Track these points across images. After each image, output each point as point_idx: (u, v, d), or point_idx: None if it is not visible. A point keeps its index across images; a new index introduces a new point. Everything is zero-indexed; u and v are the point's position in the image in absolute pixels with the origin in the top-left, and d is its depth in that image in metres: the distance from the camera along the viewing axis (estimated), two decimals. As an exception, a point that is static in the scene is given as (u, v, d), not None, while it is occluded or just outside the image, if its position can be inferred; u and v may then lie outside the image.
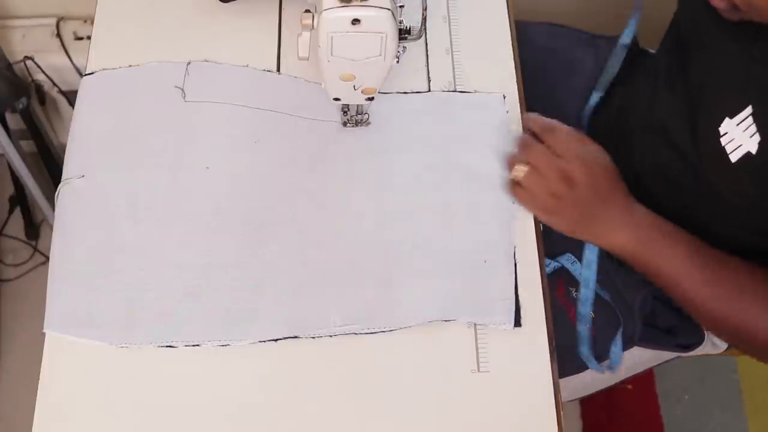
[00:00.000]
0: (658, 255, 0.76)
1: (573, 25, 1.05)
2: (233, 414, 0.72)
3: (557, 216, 0.78)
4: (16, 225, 1.62)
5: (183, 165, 0.81)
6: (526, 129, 0.83)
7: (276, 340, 0.74)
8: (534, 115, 0.83)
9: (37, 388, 0.72)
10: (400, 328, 0.75)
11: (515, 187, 0.80)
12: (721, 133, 0.72)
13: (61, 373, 0.72)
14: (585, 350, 0.90)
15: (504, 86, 0.87)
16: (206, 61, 0.86)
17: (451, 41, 0.90)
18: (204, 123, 0.83)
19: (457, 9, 0.92)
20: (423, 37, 0.89)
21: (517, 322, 0.76)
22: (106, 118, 0.83)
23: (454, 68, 0.88)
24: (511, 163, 0.81)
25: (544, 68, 1.00)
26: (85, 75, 0.86)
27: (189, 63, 0.86)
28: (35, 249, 1.61)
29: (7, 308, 1.57)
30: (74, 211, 0.78)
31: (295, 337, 0.74)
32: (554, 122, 0.81)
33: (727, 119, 0.71)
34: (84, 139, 0.82)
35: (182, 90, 0.84)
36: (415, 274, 0.77)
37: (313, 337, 0.74)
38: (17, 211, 1.60)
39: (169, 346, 0.73)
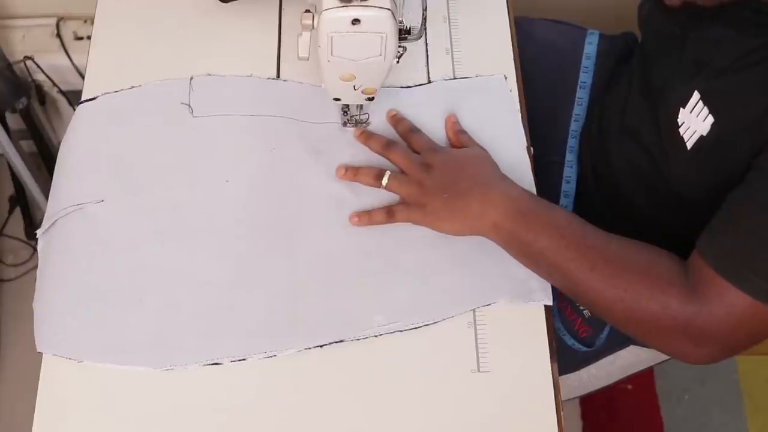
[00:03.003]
0: (531, 230, 0.73)
1: (573, 22, 1.06)
2: (231, 414, 0.72)
3: (430, 206, 0.77)
4: (16, 225, 1.62)
5: (201, 181, 0.80)
6: (393, 127, 0.84)
7: (322, 345, 0.74)
8: (400, 116, 0.84)
9: (37, 388, 0.72)
10: (443, 319, 0.75)
11: (391, 208, 0.79)
12: (679, 124, 0.74)
13: (61, 373, 0.72)
14: (556, 323, 0.90)
15: (504, 86, 0.87)
16: (209, 74, 0.86)
17: (451, 41, 0.90)
18: (216, 137, 0.82)
19: (457, 9, 0.92)
20: (423, 37, 0.89)
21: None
22: (114, 142, 0.82)
23: (454, 68, 0.88)
24: (374, 174, 0.80)
25: (544, 64, 1.01)
26: (83, 101, 0.84)
27: (192, 78, 0.85)
28: (35, 249, 1.60)
29: (7, 308, 1.57)
30: (90, 237, 0.77)
31: (341, 341, 0.74)
32: (415, 126, 0.83)
33: (681, 109, 0.74)
34: (92, 164, 0.81)
35: (189, 106, 0.83)
36: (450, 263, 0.77)
37: (358, 339, 0.74)
38: (17, 211, 1.60)
39: (215, 364, 0.72)
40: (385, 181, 0.79)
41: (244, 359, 0.73)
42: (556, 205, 0.77)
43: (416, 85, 0.87)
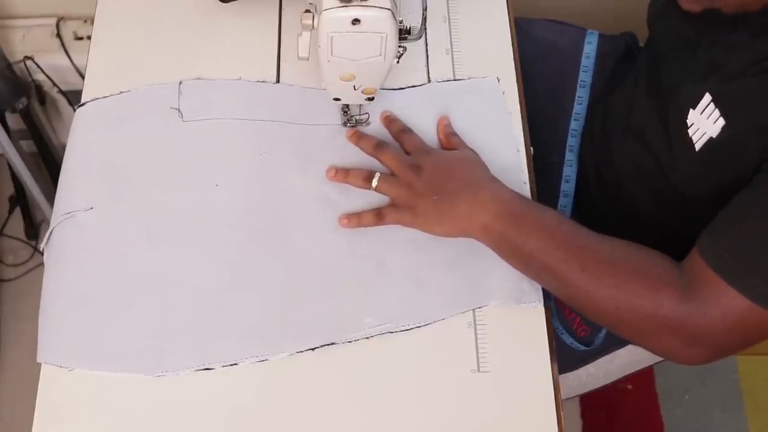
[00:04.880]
0: (521, 232, 0.73)
1: (573, 23, 1.06)
2: (228, 417, 0.72)
3: (420, 209, 0.77)
4: (16, 225, 1.62)
5: (192, 185, 0.80)
6: (386, 128, 0.84)
7: (313, 348, 0.74)
8: (393, 116, 0.84)
9: (37, 388, 0.72)
10: (434, 321, 0.75)
11: (381, 210, 0.79)
12: (688, 125, 0.74)
13: (61, 375, 0.72)
14: (555, 322, 0.90)
15: (504, 85, 0.87)
16: (198, 78, 0.86)
17: (451, 41, 0.90)
18: (206, 141, 0.82)
19: (457, 9, 0.92)
20: (423, 37, 0.89)
21: (547, 298, 0.76)
22: (105, 147, 0.82)
23: (454, 68, 0.88)
24: (363, 176, 0.80)
25: (544, 64, 1.01)
26: (78, 107, 0.84)
27: (181, 83, 0.85)
28: (35, 249, 1.61)
29: (7, 308, 1.57)
30: (80, 244, 0.77)
31: (332, 343, 0.74)
32: (407, 127, 0.83)
33: (691, 110, 0.73)
34: (84, 171, 0.81)
35: (179, 111, 0.83)
36: (441, 265, 0.77)
37: (350, 342, 0.74)
38: (17, 211, 1.60)
39: (207, 369, 0.72)
40: (374, 182, 0.79)
41: (235, 364, 0.73)
42: (546, 206, 0.76)
43: (409, 87, 0.87)
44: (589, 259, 0.71)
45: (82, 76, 0.93)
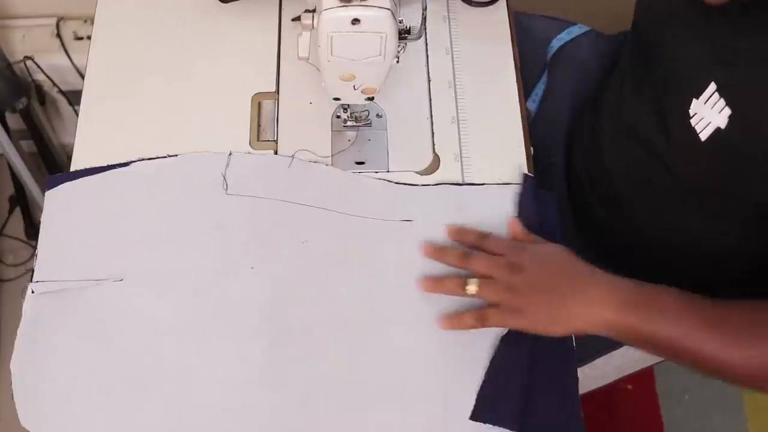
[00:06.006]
0: (650, 321, 0.70)
1: (574, 22, 1.06)
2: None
3: (528, 310, 0.73)
4: (16, 225, 1.62)
5: (227, 270, 0.76)
6: (458, 242, 0.79)
7: None
8: (464, 228, 0.79)
9: (37, 388, 0.72)
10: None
11: (483, 312, 0.74)
12: (691, 115, 0.72)
13: (61, 373, 0.72)
14: None
15: (504, 85, 0.87)
16: (249, 152, 0.82)
17: (451, 41, 0.90)
18: (247, 219, 0.78)
19: (457, 9, 0.92)
20: (423, 37, 0.89)
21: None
22: (138, 215, 0.79)
23: (454, 68, 0.88)
24: (457, 284, 0.75)
25: (543, 60, 1.01)
26: (114, 167, 0.81)
27: (231, 154, 0.81)
28: (35, 249, 1.60)
29: (7, 308, 1.57)
30: (103, 317, 0.74)
31: None
32: (484, 231, 0.79)
33: (694, 100, 0.72)
34: (116, 236, 0.78)
35: (224, 180, 0.79)
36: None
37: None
38: (17, 211, 1.60)
39: None
40: (473, 289, 0.74)
41: None
42: (658, 285, 0.73)
43: (450, 184, 0.82)
44: (727, 329, 0.69)
45: (82, 76, 0.94)
